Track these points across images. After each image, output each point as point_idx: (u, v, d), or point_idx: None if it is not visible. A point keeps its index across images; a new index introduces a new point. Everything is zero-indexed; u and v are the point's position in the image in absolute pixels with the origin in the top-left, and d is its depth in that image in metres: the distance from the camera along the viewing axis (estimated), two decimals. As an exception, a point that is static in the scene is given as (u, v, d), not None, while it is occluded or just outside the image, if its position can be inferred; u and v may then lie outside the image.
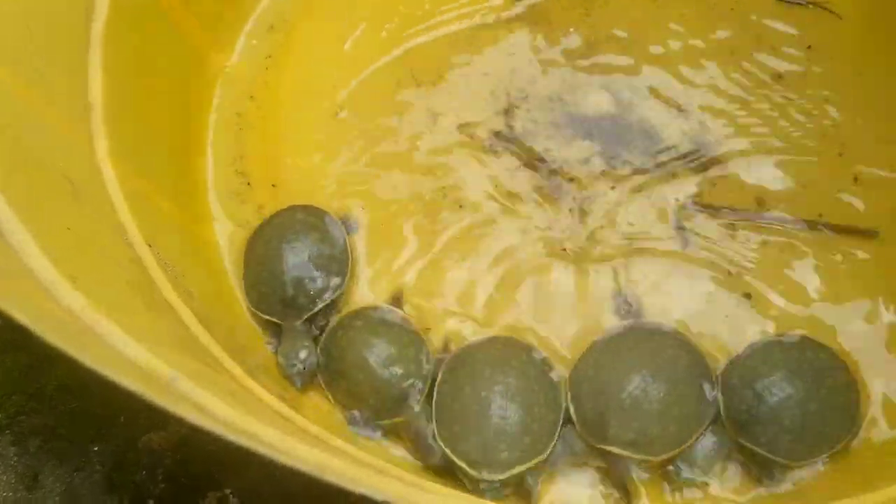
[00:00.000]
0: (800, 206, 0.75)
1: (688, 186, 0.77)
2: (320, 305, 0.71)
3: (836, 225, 0.74)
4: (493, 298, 0.73)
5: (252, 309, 0.72)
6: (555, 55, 0.83)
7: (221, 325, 0.66)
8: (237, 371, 0.60)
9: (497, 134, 0.80)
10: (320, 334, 0.71)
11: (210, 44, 0.83)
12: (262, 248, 0.73)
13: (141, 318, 0.54)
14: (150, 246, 0.63)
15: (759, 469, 0.65)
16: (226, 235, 0.77)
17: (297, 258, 0.71)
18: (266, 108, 0.83)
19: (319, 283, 0.71)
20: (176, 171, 0.77)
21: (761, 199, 0.75)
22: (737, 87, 0.80)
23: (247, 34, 0.86)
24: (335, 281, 0.72)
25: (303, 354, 0.69)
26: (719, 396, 0.65)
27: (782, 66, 0.80)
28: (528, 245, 0.75)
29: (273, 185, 0.80)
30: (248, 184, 0.80)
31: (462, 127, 0.81)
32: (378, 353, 0.68)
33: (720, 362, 0.68)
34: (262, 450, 0.40)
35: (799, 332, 0.69)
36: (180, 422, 0.40)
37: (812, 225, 0.74)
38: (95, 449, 0.71)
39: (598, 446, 0.64)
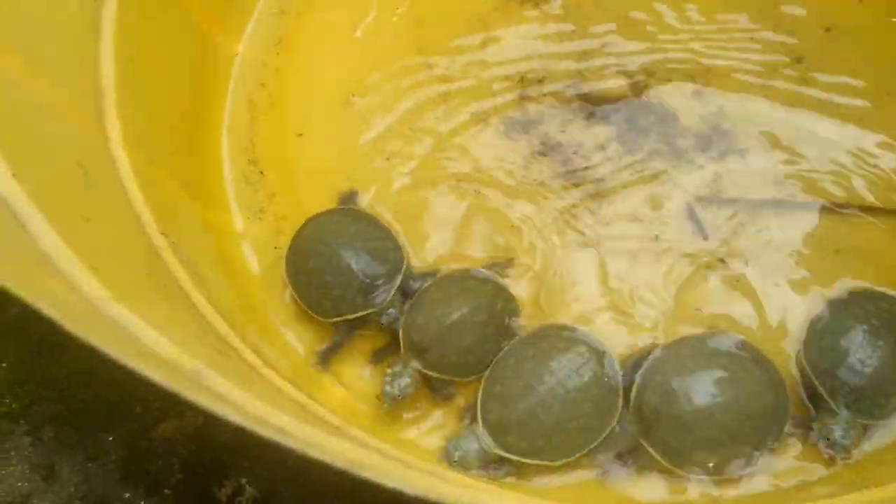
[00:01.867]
0: (821, 191, 0.74)
1: (706, 172, 0.76)
2: (399, 279, 0.70)
3: (859, 206, 0.73)
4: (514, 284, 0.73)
5: (333, 321, 0.70)
6: (571, 38, 0.82)
7: (238, 314, 0.65)
8: (254, 360, 0.59)
9: (512, 119, 0.79)
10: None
11: (220, 29, 0.82)
12: (312, 259, 0.71)
13: (158, 307, 0.54)
14: (164, 235, 0.63)
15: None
16: (240, 223, 0.76)
17: (358, 254, 0.70)
18: (277, 95, 0.82)
19: (386, 264, 0.70)
20: (189, 158, 0.76)
21: (779, 184, 0.74)
22: (756, 71, 0.79)
23: (256, 19, 0.85)
24: (398, 260, 0.71)
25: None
26: (818, 387, 0.64)
27: (801, 48, 0.79)
28: (546, 231, 0.74)
29: (285, 173, 0.79)
30: (261, 172, 0.79)
31: (476, 112, 0.80)
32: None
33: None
34: (291, 443, 0.39)
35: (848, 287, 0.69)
36: (196, 411, 0.39)
37: (833, 208, 0.73)
38: (110, 439, 0.70)
39: (639, 438, 0.63)
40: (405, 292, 0.71)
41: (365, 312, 0.69)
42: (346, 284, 0.69)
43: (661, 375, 0.64)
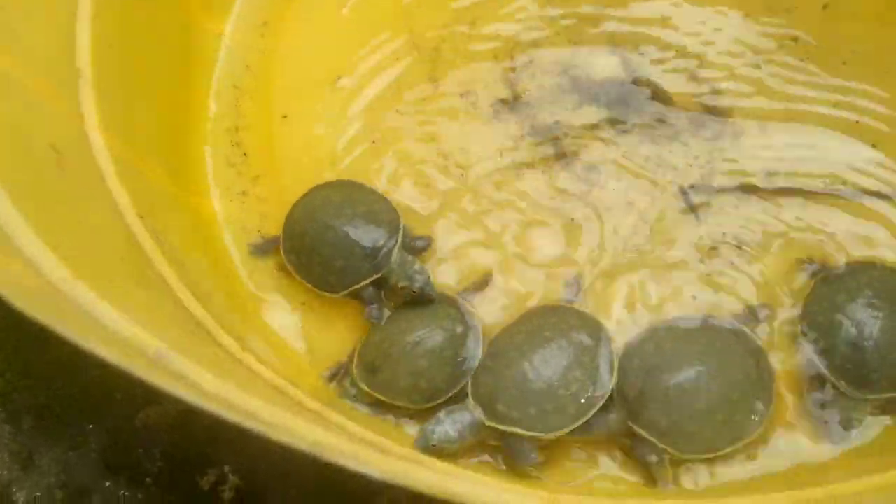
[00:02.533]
0: (814, 173, 0.72)
1: (699, 154, 0.74)
2: (399, 237, 0.68)
3: (853, 186, 0.72)
4: (504, 267, 0.72)
5: (342, 294, 0.69)
6: (561, 18, 0.80)
7: (217, 299, 0.64)
8: (232, 345, 0.58)
9: (501, 100, 0.78)
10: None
11: (204, 10, 0.81)
12: (307, 237, 0.69)
13: (130, 290, 0.53)
14: (141, 218, 0.62)
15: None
16: (222, 206, 0.75)
17: (352, 221, 0.68)
18: (262, 77, 0.81)
19: (382, 225, 0.69)
20: (170, 141, 0.75)
21: (774, 166, 0.73)
22: (750, 52, 0.77)
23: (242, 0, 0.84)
24: (394, 218, 0.70)
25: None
26: (823, 369, 0.63)
27: (797, 27, 0.77)
28: (535, 213, 0.73)
29: (270, 156, 0.78)
30: (245, 154, 0.78)
31: (465, 94, 0.78)
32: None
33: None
34: (256, 426, 0.38)
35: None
36: (174, 398, 0.39)
37: (825, 188, 0.72)
38: (91, 427, 0.70)
39: (629, 423, 0.62)
40: (411, 251, 0.70)
41: (373, 278, 0.67)
42: (348, 253, 0.67)
43: (640, 358, 0.63)
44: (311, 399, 0.57)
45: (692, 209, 0.72)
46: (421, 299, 0.67)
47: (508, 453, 0.63)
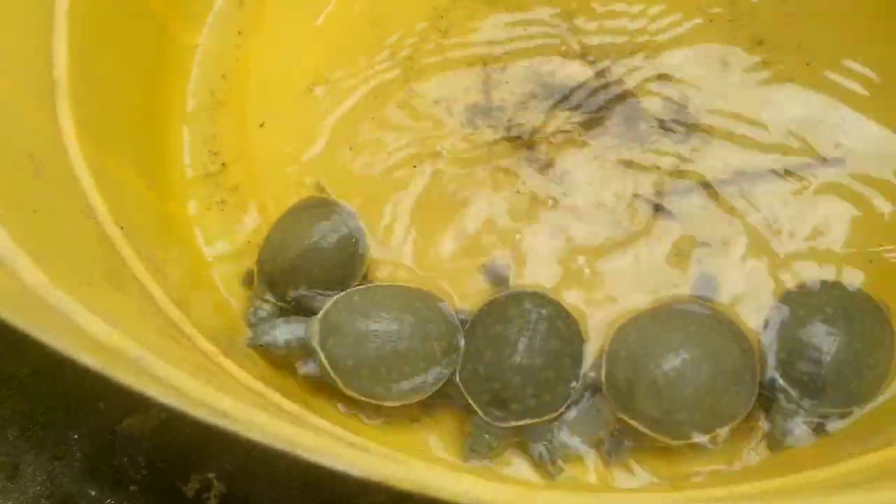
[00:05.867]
0: (786, 161, 0.74)
1: (669, 154, 0.75)
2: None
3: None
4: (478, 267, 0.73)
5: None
6: (533, 25, 0.82)
7: (196, 305, 0.65)
8: (211, 350, 0.59)
9: (474, 106, 0.79)
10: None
11: (179, 20, 0.82)
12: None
13: (109, 296, 0.53)
14: (120, 227, 0.62)
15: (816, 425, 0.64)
16: (201, 215, 0.76)
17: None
18: (238, 86, 0.82)
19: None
20: (148, 150, 0.75)
21: (744, 163, 0.74)
22: (716, 54, 0.79)
23: (216, 9, 0.85)
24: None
25: (262, 313, 0.69)
26: (778, 378, 0.64)
27: (762, 30, 0.79)
28: (509, 217, 0.74)
29: (247, 164, 0.78)
30: (223, 164, 0.79)
31: (438, 101, 0.79)
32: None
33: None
34: (236, 427, 0.39)
35: (808, 281, 0.69)
36: (158, 405, 0.39)
37: (797, 180, 0.73)
38: (75, 436, 0.70)
39: (619, 415, 0.63)
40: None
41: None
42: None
43: (626, 349, 0.64)
44: (291, 402, 0.58)
45: (664, 212, 0.73)
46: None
47: None
